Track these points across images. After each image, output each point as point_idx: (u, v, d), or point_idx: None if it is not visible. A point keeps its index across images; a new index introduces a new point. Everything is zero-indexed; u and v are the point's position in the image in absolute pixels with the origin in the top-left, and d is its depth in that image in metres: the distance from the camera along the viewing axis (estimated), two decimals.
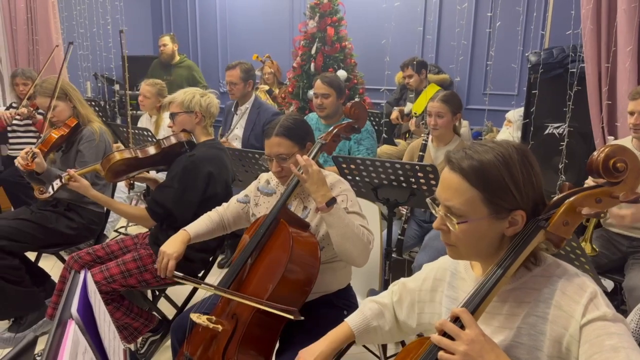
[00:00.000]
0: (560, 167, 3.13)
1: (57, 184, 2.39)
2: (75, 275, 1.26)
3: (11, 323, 2.71)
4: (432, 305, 1.29)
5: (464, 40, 4.77)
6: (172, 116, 2.45)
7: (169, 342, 2.53)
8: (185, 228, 1.99)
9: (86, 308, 1.22)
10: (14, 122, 4.07)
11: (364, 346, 2.52)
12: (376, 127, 4.14)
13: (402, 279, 1.43)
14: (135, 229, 4.24)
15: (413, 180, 2.26)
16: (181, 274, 1.79)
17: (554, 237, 1.05)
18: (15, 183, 3.84)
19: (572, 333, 0.98)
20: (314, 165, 1.69)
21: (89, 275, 1.32)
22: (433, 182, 2.22)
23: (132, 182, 2.65)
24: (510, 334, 1.06)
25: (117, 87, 5.48)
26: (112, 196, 3.03)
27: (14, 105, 4.25)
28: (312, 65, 4.85)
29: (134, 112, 5.49)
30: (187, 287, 2.55)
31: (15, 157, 3.88)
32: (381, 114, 4.25)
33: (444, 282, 1.27)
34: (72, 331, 1.07)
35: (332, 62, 4.84)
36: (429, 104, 2.79)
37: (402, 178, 2.28)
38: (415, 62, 4.23)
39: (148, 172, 2.62)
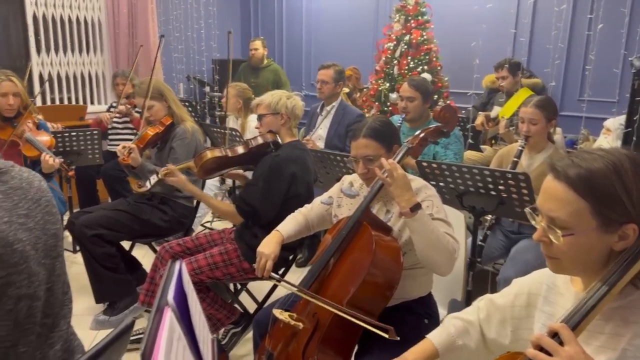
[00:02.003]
0: None
1: (154, 178, 2.55)
2: (172, 264, 1.34)
3: (106, 307, 2.90)
4: (528, 321, 1.23)
5: (560, 43, 4.52)
6: (260, 117, 2.53)
7: (249, 335, 2.63)
8: (277, 229, 2.05)
9: (181, 297, 1.29)
10: (114, 119, 4.39)
11: None
12: (462, 132, 4.03)
13: (488, 295, 1.37)
14: (219, 224, 4.42)
15: (503, 188, 2.17)
16: (277, 276, 1.84)
17: None
18: (113, 176, 4.13)
19: None
20: (399, 169, 1.67)
21: (184, 265, 1.40)
22: (525, 191, 2.12)
23: (224, 177, 2.77)
24: (613, 355, 0.99)
25: (207, 88, 5.74)
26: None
27: (113, 104, 4.58)
28: (396, 68, 4.82)
29: (222, 113, 5.73)
30: (268, 283, 2.61)
31: (114, 152, 4.19)
32: (467, 119, 4.12)
33: (539, 296, 1.21)
34: (169, 318, 1.13)
35: (417, 65, 4.78)
36: (522, 110, 2.67)
37: (490, 185, 2.20)
38: (510, 64, 4.06)
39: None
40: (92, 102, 5.77)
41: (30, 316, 1.17)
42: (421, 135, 1.85)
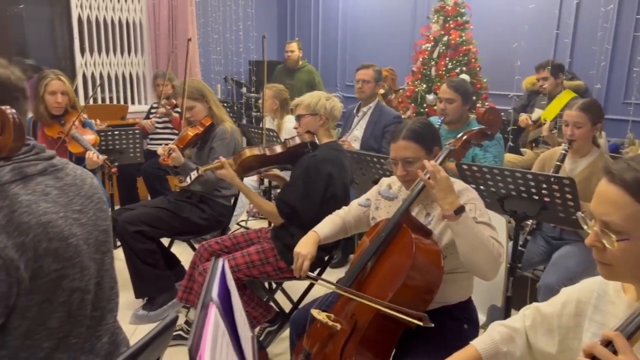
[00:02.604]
0: None
1: (194, 174, 2.60)
2: (215, 262, 1.36)
3: (145, 302, 2.97)
4: (576, 330, 1.20)
5: (606, 44, 4.39)
6: (298, 118, 2.55)
7: (284, 334, 2.65)
8: (315, 229, 2.05)
9: (224, 294, 1.31)
10: (154, 119, 4.50)
11: None
12: (502, 135, 3.96)
13: (535, 304, 1.34)
14: (253, 223, 4.47)
15: (546, 192, 2.12)
16: (314, 275, 1.85)
17: None
18: (153, 174, 4.23)
19: None
20: (441, 171, 1.65)
21: (226, 263, 1.42)
22: (569, 196, 2.07)
23: (262, 178, 2.80)
24: None
25: (244, 89, 5.81)
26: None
27: (154, 105, 4.68)
28: (433, 69, 4.77)
29: (258, 113, 5.79)
30: (303, 283, 2.63)
31: (154, 151, 4.29)
32: (507, 121, 4.05)
33: (589, 304, 1.18)
34: (213, 314, 1.15)
35: (455, 66, 4.72)
36: (566, 113, 2.60)
37: (533, 190, 2.15)
38: (552, 65, 3.97)
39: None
40: (132, 102, 5.93)
41: (81, 309, 1.21)
42: (464, 137, 1.82)
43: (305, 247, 1.97)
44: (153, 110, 4.60)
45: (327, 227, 2.08)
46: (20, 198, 1.11)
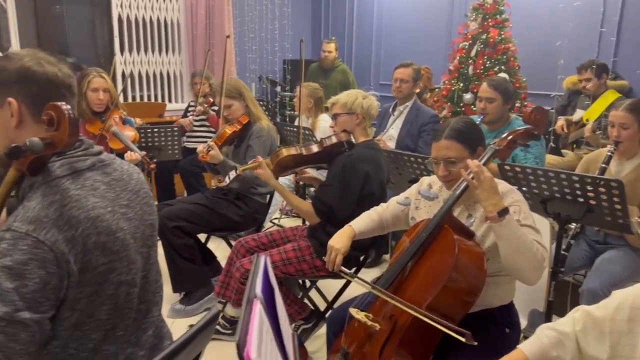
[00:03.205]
0: None
1: (232, 174, 2.62)
2: (258, 258, 1.37)
3: (182, 296, 3.01)
4: (631, 337, 1.16)
5: None
6: (335, 116, 2.54)
7: (319, 332, 2.65)
8: (350, 224, 2.04)
9: (268, 290, 1.32)
10: (191, 117, 4.55)
11: None
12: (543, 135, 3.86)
13: (584, 307, 1.29)
14: (286, 221, 4.48)
15: (592, 195, 2.06)
16: (347, 270, 1.84)
17: None
18: (190, 171, 4.29)
19: None
20: (486, 171, 1.61)
21: (268, 260, 1.42)
22: (616, 199, 2.00)
23: (299, 181, 2.81)
24: None
25: (278, 88, 5.84)
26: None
27: (191, 103, 4.74)
28: (471, 68, 4.69)
29: (292, 112, 5.81)
30: (338, 282, 2.62)
31: (191, 149, 4.35)
32: (549, 122, 3.94)
33: None
34: (258, 310, 1.16)
35: (493, 65, 4.63)
36: (612, 113, 2.52)
37: (578, 192, 2.09)
38: (596, 65, 3.85)
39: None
40: (169, 101, 6.03)
41: (128, 301, 1.23)
42: (509, 137, 1.78)
43: (340, 241, 1.95)
44: (190, 109, 4.67)
45: (363, 222, 2.07)
46: (71, 193, 1.13)
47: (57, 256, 1.06)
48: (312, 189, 3.92)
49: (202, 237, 3.25)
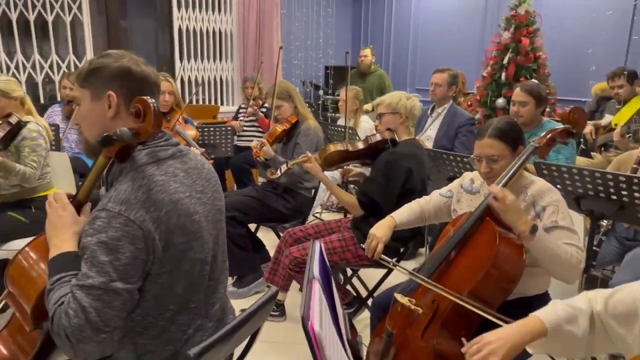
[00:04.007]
0: None
1: (284, 167, 2.65)
2: (313, 244, 1.38)
3: (234, 280, 3.06)
4: None
5: None
6: (380, 116, 2.53)
7: (360, 317, 2.65)
8: (392, 215, 2.02)
9: (324, 273, 1.33)
10: (241, 118, 4.62)
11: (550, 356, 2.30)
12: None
13: (599, 290, 1.22)
14: (327, 216, 4.49)
15: (626, 193, 1.98)
16: (388, 258, 1.83)
17: None
18: (240, 167, 4.36)
19: None
20: (509, 194, 1.56)
21: (322, 245, 1.43)
22: None
23: (346, 181, 2.82)
24: None
25: (321, 92, 5.86)
26: (319, 183, 3.24)
27: (242, 106, 4.81)
28: (503, 74, 4.59)
29: (333, 114, 5.82)
30: (379, 272, 2.61)
31: (242, 147, 4.42)
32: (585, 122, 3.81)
33: None
34: (317, 289, 1.17)
35: (525, 72, 4.52)
36: None
37: (612, 190, 2.01)
38: (628, 72, 3.71)
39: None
40: (222, 103, 6.13)
41: (200, 278, 1.27)
42: (549, 135, 1.73)
43: (381, 230, 1.94)
44: (241, 110, 4.73)
45: (404, 213, 2.04)
46: (156, 178, 1.17)
47: (144, 234, 1.10)
48: (351, 186, 3.91)
49: (252, 227, 3.30)
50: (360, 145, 2.55)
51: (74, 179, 3.12)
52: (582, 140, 3.82)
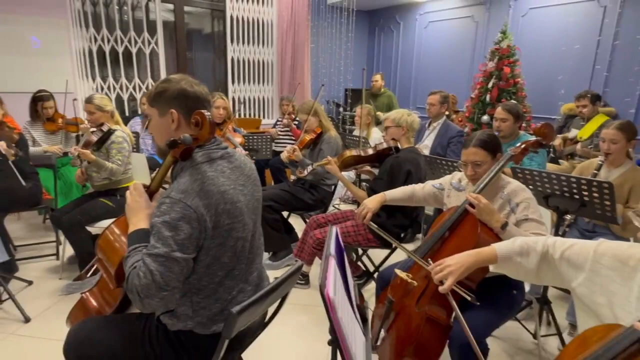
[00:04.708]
0: None
1: (309, 168, 2.66)
2: (331, 228, 1.38)
3: (270, 255, 3.08)
4: (607, 280, 0.98)
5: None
6: (386, 128, 2.51)
7: (367, 287, 2.63)
8: (385, 192, 2.02)
9: (338, 251, 1.33)
10: (279, 130, 4.64)
11: (520, 322, 2.25)
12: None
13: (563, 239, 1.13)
14: (343, 207, 4.46)
15: (586, 193, 1.91)
16: (375, 225, 1.79)
17: None
18: (277, 168, 4.37)
19: None
20: (482, 200, 1.55)
21: (338, 229, 1.43)
22: (607, 197, 1.85)
23: (359, 174, 2.80)
24: None
25: (341, 109, 5.83)
26: (337, 180, 3.23)
27: (279, 119, 4.83)
28: (488, 96, 4.47)
29: (351, 126, 5.79)
30: (384, 252, 2.58)
31: (278, 151, 4.44)
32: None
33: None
34: (333, 265, 1.17)
35: (505, 95, 4.39)
36: (604, 131, 2.33)
37: (575, 190, 1.95)
38: (591, 94, 3.57)
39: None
40: (263, 117, 6.17)
41: (242, 251, 1.28)
42: (523, 146, 1.69)
43: (372, 202, 1.95)
44: (278, 122, 4.75)
45: (397, 192, 2.04)
46: (208, 174, 1.19)
47: (198, 217, 1.12)
48: (364, 183, 3.88)
49: (285, 214, 3.32)
50: (371, 151, 2.53)
51: (149, 174, 3.19)
52: (552, 149, 3.69)
